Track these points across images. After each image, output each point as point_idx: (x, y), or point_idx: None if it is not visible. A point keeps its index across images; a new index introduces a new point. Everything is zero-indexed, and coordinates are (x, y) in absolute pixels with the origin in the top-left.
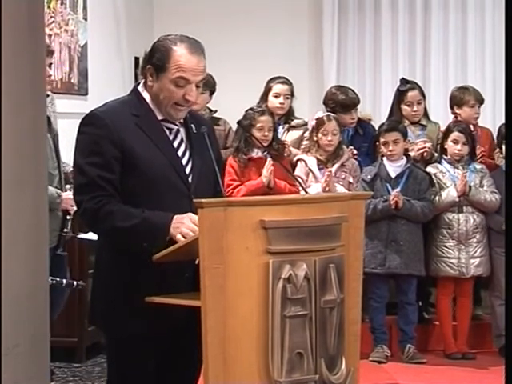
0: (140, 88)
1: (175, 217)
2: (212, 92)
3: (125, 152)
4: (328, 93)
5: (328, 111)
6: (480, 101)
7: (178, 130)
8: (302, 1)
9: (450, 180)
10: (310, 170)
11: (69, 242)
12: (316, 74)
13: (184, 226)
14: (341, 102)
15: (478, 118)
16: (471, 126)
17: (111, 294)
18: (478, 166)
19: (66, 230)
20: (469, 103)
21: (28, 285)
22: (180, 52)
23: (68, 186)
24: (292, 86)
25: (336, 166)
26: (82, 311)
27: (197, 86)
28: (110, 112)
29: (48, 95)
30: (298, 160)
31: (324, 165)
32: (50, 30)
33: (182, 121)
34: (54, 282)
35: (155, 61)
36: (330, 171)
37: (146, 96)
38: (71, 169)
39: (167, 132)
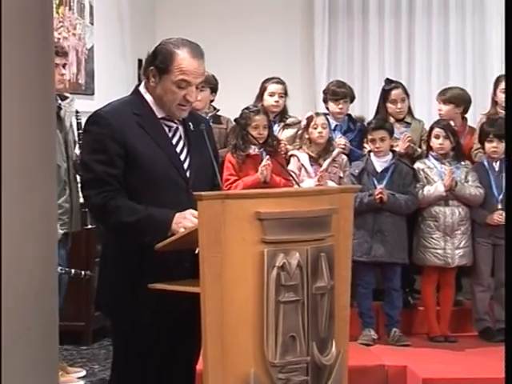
0: (141, 88)
1: (176, 214)
2: (213, 90)
3: (127, 149)
4: (327, 85)
5: (323, 99)
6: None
7: (176, 128)
8: (295, 8)
9: (437, 175)
10: (302, 165)
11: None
12: (308, 75)
13: (186, 220)
14: (332, 90)
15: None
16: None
17: (116, 282)
18: (463, 162)
19: None
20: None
21: (38, 274)
22: (182, 55)
23: None
24: (285, 85)
25: (327, 161)
26: (88, 298)
27: (196, 87)
28: (113, 112)
29: (67, 97)
30: (291, 156)
31: (315, 161)
32: (59, 33)
33: (180, 119)
34: (63, 271)
35: (158, 63)
36: (322, 171)
37: (148, 96)
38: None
39: (166, 130)
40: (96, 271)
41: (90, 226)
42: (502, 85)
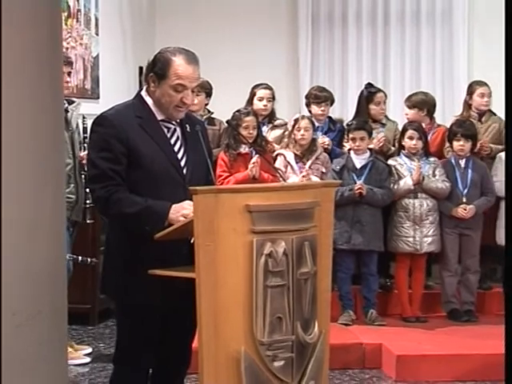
0: (143, 93)
1: (173, 206)
2: (208, 94)
3: (130, 148)
4: (309, 90)
5: (306, 103)
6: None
7: (174, 129)
8: (280, 20)
9: (407, 171)
10: (288, 163)
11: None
12: (293, 80)
13: (186, 209)
14: (314, 94)
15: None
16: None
17: (119, 268)
18: (431, 159)
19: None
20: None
21: (49, 261)
22: (179, 62)
23: None
24: (273, 90)
25: (311, 160)
26: (94, 282)
27: (192, 91)
28: (117, 114)
29: (74, 101)
30: (277, 154)
31: (300, 159)
32: (67, 43)
33: (178, 121)
34: (72, 258)
35: (157, 70)
36: (307, 170)
37: (148, 100)
38: None
39: (165, 130)
40: (101, 259)
41: (88, 221)
42: (480, 90)
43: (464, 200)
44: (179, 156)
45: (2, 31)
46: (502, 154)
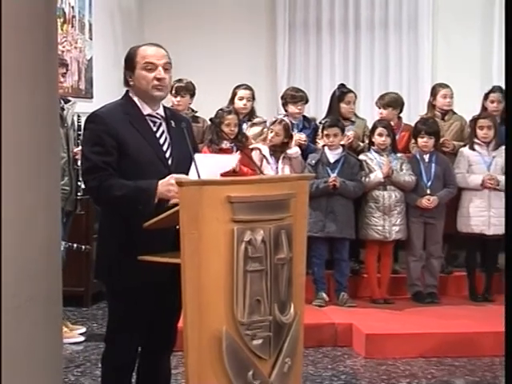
0: (130, 93)
1: (160, 181)
2: (192, 95)
3: (119, 142)
4: (285, 91)
5: (283, 103)
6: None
7: (160, 124)
8: (260, 26)
9: (377, 165)
10: (263, 156)
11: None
12: (271, 82)
13: (171, 184)
14: (291, 94)
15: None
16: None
17: (111, 254)
18: (399, 154)
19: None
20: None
21: (45, 248)
22: (142, 48)
23: None
24: (253, 91)
25: (283, 155)
26: (87, 267)
27: (165, 69)
28: (107, 112)
29: (70, 100)
30: (253, 148)
31: (275, 152)
32: (63, 47)
33: (164, 116)
34: (67, 246)
35: (128, 64)
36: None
37: (135, 98)
38: None
39: (152, 125)
40: (94, 246)
41: (78, 212)
42: (442, 91)
43: (428, 192)
44: (164, 148)
45: (2, 34)
46: (463, 149)
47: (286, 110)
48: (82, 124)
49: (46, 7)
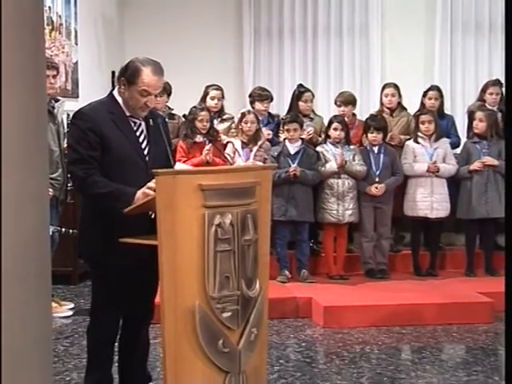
0: (114, 92)
1: (138, 190)
2: (168, 94)
3: (103, 138)
4: (253, 89)
5: (250, 101)
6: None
7: (140, 124)
8: (228, 33)
9: (332, 156)
10: (236, 149)
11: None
12: (239, 82)
13: (145, 193)
14: (258, 93)
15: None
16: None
17: (94, 236)
18: (352, 146)
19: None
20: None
21: (35, 231)
22: (146, 72)
23: None
24: (223, 91)
25: (256, 147)
26: (75, 250)
27: (155, 96)
28: (92, 110)
29: (59, 99)
30: (227, 142)
31: (246, 146)
32: (52, 51)
33: (142, 117)
34: (56, 230)
35: (128, 75)
36: (253, 159)
37: (119, 99)
38: None
39: (132, 125)
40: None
41: (68, 201)
42: (385, 91)
43: (377, 180)
44: (143, 146)
45: None
46: (409, 142)
47: (253, 107)
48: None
49: (33, 11)
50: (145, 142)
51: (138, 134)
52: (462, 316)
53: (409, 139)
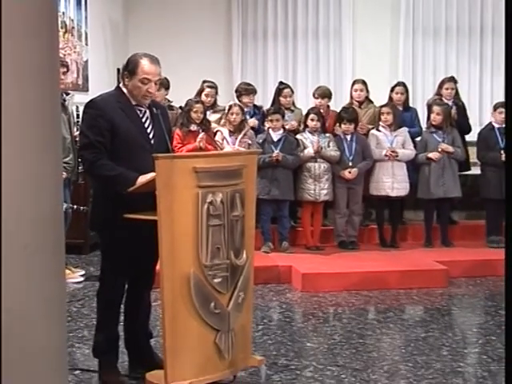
0: (121, 86)
1: (140, 177)
2: (167, 88)
3: (112, 125)
4: (239, 85)
5: (237, 95)
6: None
7: (145, 111)
8: (219, 36)
9: (309, 143)
10: (224, 137)
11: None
12: (228, 78)
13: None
14: (244, 88)
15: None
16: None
17: (103, 212)
18: (327, 134)
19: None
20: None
21: (51, 208)
22: (144, 62)
23: None
24: (217, 88)
25: (240, 135)
26: (86, 224)
27: (155, 84)
28: (103, 100)
29: (69, 93)
30: (217, 131)
31: (232, 134)
32: (65, 51)
33: (147, 105)
34: (69, 207)
35: (129, 68)
36: (239, 144)
37: (125, 90)
38: None
39: (138, 112)
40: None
41: (79, 182)
42: (355, 86)
43: (350, 164)
44: (148, 131)
45: (9, 42)
46: (373, 131)
47: (240, 101)
48: (81, 112)
49: (50, 17)
50: (150, 127)
51: (143, 120)
52: (420, 281)
53: (373, 128)
